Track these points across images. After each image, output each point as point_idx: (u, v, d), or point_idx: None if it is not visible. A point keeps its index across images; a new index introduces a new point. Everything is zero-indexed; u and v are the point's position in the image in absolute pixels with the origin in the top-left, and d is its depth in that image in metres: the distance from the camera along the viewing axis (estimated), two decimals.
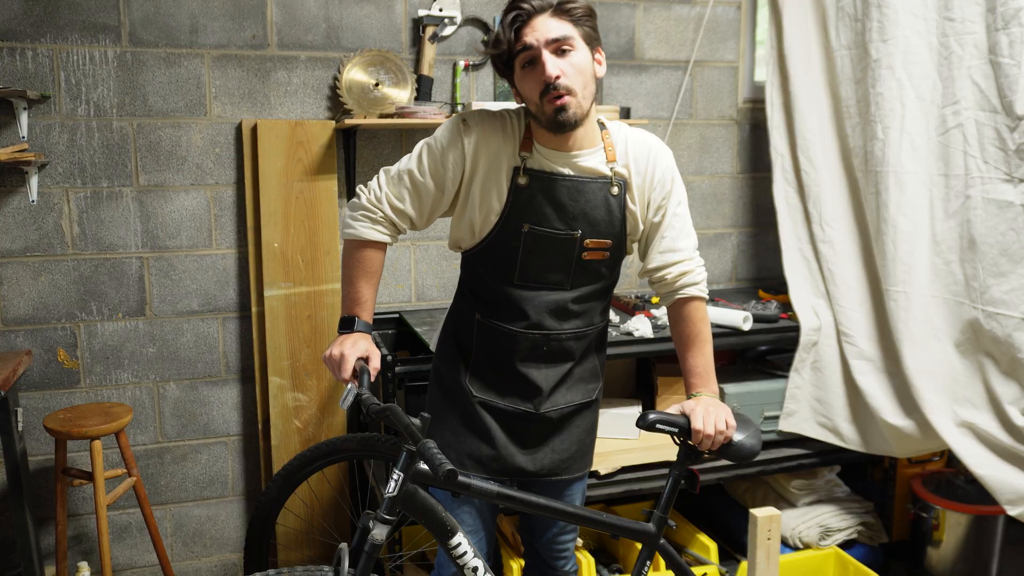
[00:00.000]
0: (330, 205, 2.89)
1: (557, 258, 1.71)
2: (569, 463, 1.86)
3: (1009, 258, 2.36)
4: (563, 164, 1.68)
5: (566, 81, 1.58)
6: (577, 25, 1.61)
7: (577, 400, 1.83)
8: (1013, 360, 2.37)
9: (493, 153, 1.67)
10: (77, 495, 2.84)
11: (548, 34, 1.58)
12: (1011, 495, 2.40)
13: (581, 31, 1.61)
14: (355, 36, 2.90)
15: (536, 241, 1.69)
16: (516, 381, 1.78)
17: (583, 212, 1.69)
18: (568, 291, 1.73)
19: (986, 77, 2.37)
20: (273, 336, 2.85)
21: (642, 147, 1.73)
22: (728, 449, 1.73)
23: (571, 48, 1.60)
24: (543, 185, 1.67)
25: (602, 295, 1.80)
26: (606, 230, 1.71)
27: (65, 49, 2.66)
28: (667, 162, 1.75)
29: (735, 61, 3.37)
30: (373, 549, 1.56)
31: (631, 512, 3.01)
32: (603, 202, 1.69)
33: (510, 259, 1.71)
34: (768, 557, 2.04)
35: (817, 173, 2.87)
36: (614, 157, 1.70)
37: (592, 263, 1.73)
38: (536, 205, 1.67)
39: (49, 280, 2.74)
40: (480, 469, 1.81)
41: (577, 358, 1.80)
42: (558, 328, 1.75)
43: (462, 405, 1.82)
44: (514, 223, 1.68)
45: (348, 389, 1.60)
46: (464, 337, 1.82)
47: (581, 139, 1.68)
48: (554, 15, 1.59)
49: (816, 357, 2.82)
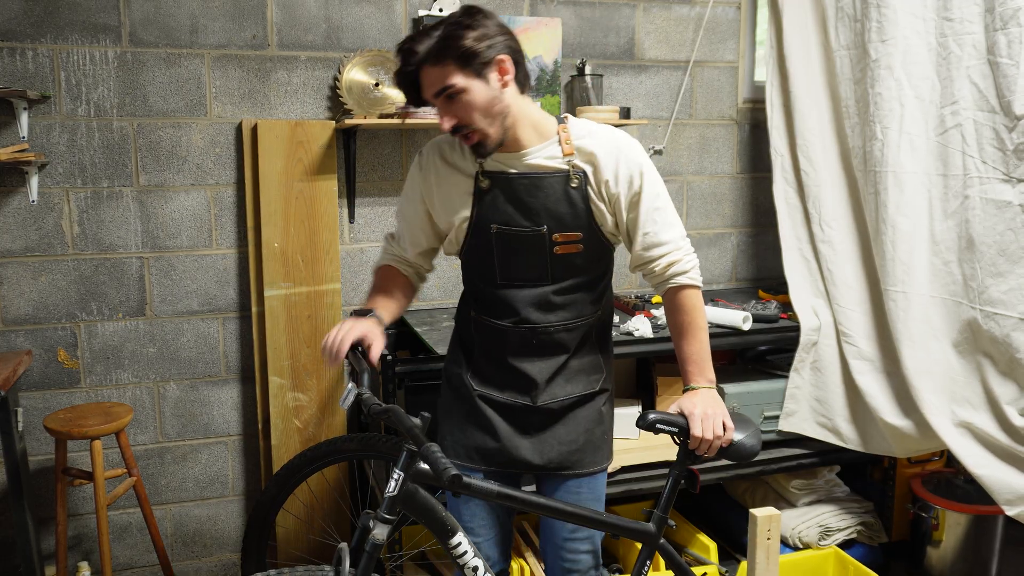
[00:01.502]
0: (330, 205, 2.89)
1: (531, 255, 1.73)
2: (579, 455, 1.83)
3: (1007, 258, 2.36)
4: (512, 163, 1.72)
5: (463, 125, 1.63)
6: (458, 63, 1.59)
7: (578, 392, 1.82)
8: (1011, 360, 2.38)
9: (449, 169, 1.77)
10: (77, 495, 2.84)
11: (432, 88, 1.62)
12: (1009, 495, 2.40)
13: (463, 68, 1.60)
14: (355, 36, 2.91)
15: (507, 240, 1.73)
16: (512, 375, 1.80)
17: (544, 207, 1.71)
18: (549, 285, 1.75)
19: (984, 77, 2.37)
20: (273, 336, 2.85)
21: (606, 143, 1.72)
22: (728, 449, 1.73)
23: (458, 92, 1.60)
24: (501, 185, 1.71)
25: (588, 287, 1.79)
26: (572, 223, 1.72)
27: (65, 49, 2.66)
28: (633, 156, 1.72)
29: (735, 61, 3.38)
30: (374, 549, 1.56)
31: (631, 512, 3.02)
32: (563, 196, 1.71)
33: (488, 260, 1.76)
34: (768, 557, 2.05)
35: (817, 173, 2.87)
36: (571, 151, 1.71)
37: (568, 256, 1.74)
38: (499, 206, 1.72)
39: (49, 280, 2.74)
40: (486, 462, 1.83)
41: (573, 350, 1.80)
42: (544, 321, 1.76)
43: (466, 401, 1.85)
44: (483, 226, 1.74)
45: (348, 389, 1.60)
46: (465, 335, 1.88)
47: (524, 139, 1.70)
48: (433, 65, 1.60)
49: (816, 357, 2.83)
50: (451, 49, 1.58)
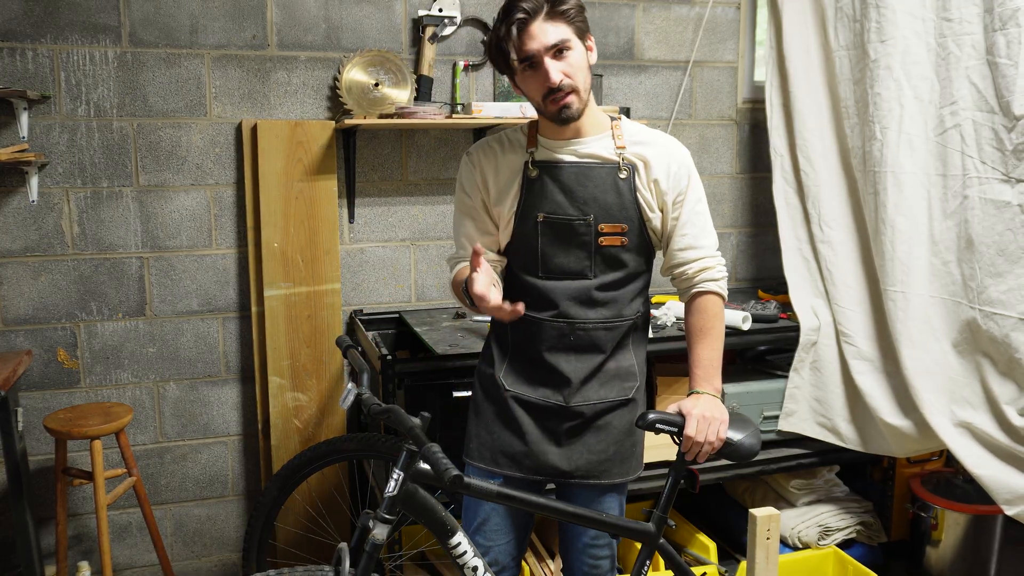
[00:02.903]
0: (330, 205, 2.89)
1: (575, 245, 1.74)
2: (607, 465, 1.82)
3: (1007, 258, 2.36)
4: (565, 152, 1.75)
5: (569, 82, 1.65)
6: (571, 23, 1.65)
7: (611, 397, 1.81)
8: (1011, 360, 2.38)
9: (498, 163, 1.79)
10: (77, 495, 2.84)
11: (547, 40, 1.63)
12: (1008, 495, 2.40)
13: (574, 28, 1.66)
14: (355, 36, 2.91)
15: (552, 229, 1.74)
16: (546, 371, 1.79)
17: (593, 196, 1.73)
18: (591, 279, 1.76)
19: (984, 78, 2.38)
20: (273, 336, 2.85)
21: (659, 142, 1.78)
22: (727, 449, 1.73)
23: (569, 48, 1.65)
24: (551, 174, 1.74)
25: (628, 284, 1.80)
26: (619, 214, 1.74)
27: (65, 49, 2.66)
28: (683, 160, 1.78)
29: (735, 61, 3.38)
30: (373, 549, 1.56)
31: (631, 512, 3.01)
32: (612, 186, 1.73)
33: (532, 250, 1.77)
34: (767, 557, 2.05)
35: (816, 173, 2.87)
36: (624, 145, 1.75)
37: (611, 249, 1.75)
38: (548, 194, 1.74)
39: (49, 280, 2.74)
40: (514, 467, 1.82)
41: (609, 351, 1.79)
42: (583, 317, 1.76)
43: (497, 402, 1.84)
44: (530, 214, 1.75)
45: (348, 389, 1.61)
46: (501, 334, 1.87)
47: (581, 127, 1.74)
48: (548, 18, 1.63)
49: (815, 357, 2.83)
50: (566, 7, 1.64)
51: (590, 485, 1.84)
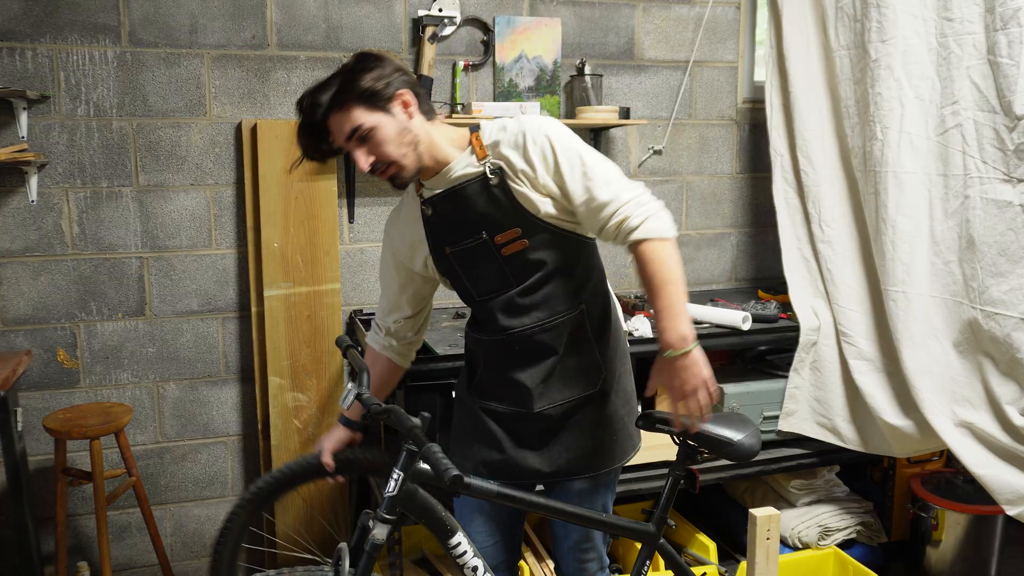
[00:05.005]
0: (330, 205, 2.89)
1: (486, 265, 1.74)
2: (588, 460, 1.81)
3: (1008, 258, 2.36)
4: (440, 185, 1.74)
5: (380, 161, 1.65)
6: (362, 103, 1.61)
7: (577, 394, 1.79)
8: (1012, 360, 2.38)
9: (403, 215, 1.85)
10: (77, 495, 2.84)
11: (343, 133, 1.63)
12: (1010, 495, 2.40)
13: (367, 105, 1.61)
14: (355, 36, 2.90)
15: (462, 258, 1.76)
16: (507, 384, 1.79)
17: (478, 215, 1.71)
18: (514, 287, 1.75)
19: (985, 77, 2.37)
20: (273, 336, 2.85)
21: (510, 131, 1.70)
22: (728, 449, 1.72)
23: (367, 130, 1.61)
24: (439, 208, 1.75)
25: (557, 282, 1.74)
26: (506, 220, 1.70)
27: (65, 49, 2.66)
28: (536, 133, 1.67)
29: (734, 61, 3.38)
30: (373, 548, 1.56)
31: (631, 512, 3.02)
32: (487, 197, 1.70)
33: (459, 280, 1.80)
34: (767, 557, 2.05)
35: (816, 173, 2.87)
36: (484, 153, 1.70)
37: (518, 255, 1.72)
38: (444, 228, 1.76)
39: (49, 280, 2.74)
40: (495, 475, 1.80)
41: (562, 351, 1.76)
42: (519, 325, 1.75)
43: (471, 414, 1.87)
44: (440, 250, 1.78)
45: (348, 389, 1.61)
46: (471, 355, 1.92)
47: (444, 158, 1.72)
48: (338, 111, 1.61)
49: (815, 357, 2.82)
50: (352, 92, 1.60)
51: (575, 483, 1.83)
